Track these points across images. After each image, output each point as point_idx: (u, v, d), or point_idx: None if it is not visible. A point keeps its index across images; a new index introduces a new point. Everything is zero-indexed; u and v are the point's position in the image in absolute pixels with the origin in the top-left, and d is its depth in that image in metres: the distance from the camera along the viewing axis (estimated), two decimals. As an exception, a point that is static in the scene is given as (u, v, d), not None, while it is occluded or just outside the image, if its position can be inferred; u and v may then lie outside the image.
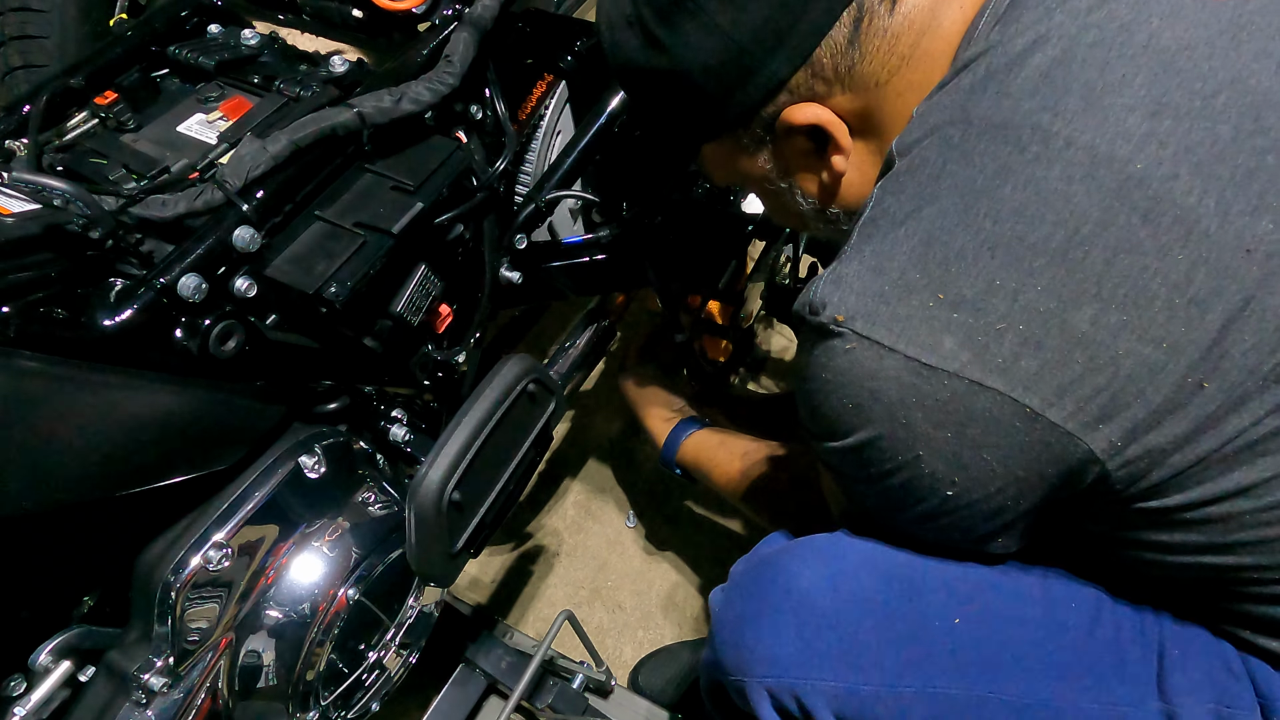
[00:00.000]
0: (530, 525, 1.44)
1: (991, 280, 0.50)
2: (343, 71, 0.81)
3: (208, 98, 0.81)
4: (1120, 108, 0.50)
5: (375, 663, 0.89)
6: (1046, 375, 0.50)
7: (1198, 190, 0.48)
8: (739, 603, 0.68)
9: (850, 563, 0.65)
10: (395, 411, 0.90)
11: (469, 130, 0.88)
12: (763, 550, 0.72)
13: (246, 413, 0.72)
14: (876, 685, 0.62)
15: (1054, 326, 0.49)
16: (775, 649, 0.64)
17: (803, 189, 0.70)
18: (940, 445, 0.54)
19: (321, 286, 0.68)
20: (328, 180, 0.74)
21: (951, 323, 0.51)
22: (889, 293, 0.53)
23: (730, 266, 1.21)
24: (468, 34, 0.82)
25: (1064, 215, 0.49)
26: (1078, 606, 0.63)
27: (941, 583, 0.64)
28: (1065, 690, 0.60)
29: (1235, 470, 0.51)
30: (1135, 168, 0.49)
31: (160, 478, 0.67)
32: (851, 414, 0.56)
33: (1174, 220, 0.48)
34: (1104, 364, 0.49)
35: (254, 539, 0.73)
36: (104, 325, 0.59)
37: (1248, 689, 0.60)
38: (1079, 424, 0.50)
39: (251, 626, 0.75)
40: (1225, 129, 0.49)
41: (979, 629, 0.62)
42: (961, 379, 0.51)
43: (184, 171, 0.71)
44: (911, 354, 0.52)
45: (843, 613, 0.63)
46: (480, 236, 0.89)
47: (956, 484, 0.55)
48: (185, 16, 0.90)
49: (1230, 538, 0.54)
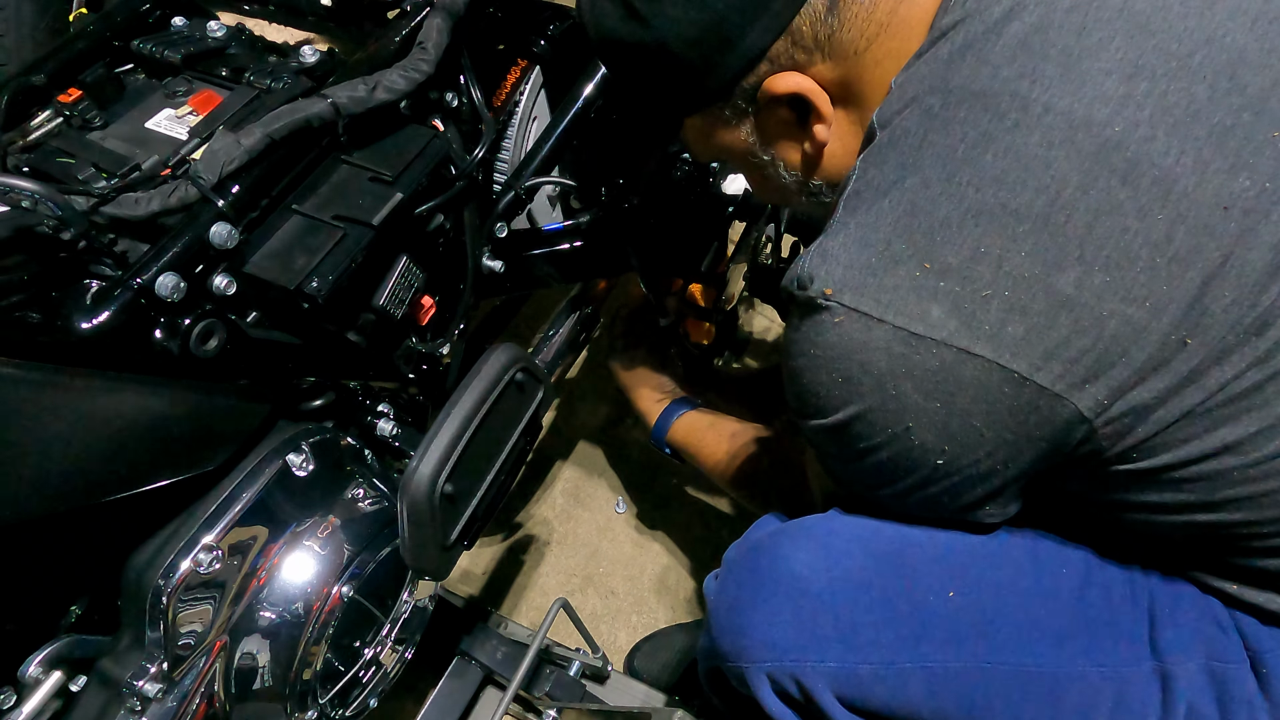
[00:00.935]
0: (520, 515, 1.44)
1: (976, 248, 0.51)
2: (314, 61, 0.80)
3: (176, 92, 0.79)
4: (1097, 72, 0.51)
5: (371, 659, 0.88)
6: (1033, 340, 0.50)
7: (1175, 150, 0.49)
8: (734, 589, 0.68)
9: (842, 543, 0.65)
10: (381, 406, 0.89)
11: (445, 118, 0.87)
12: (754, 535, 0.72)
13: (231, 412, 0.71)
14: (875, 663, 0.62)
15: (1039, 291, 0.50)
16: (772, 634, 0.64)
17: (785, 160, 0.69)
18: (930, 415, 0.54)
19: (302, 282, 0.67)
20: (304, 173, 0.73)
21: (938, 291, 0.51)
22: (875, 264, 0.53)
23: (712, 249, 1.21)
24: (440, 20, 0.81)
25: (1045, 180, 0.50)
26: (1068, 571, 0.64)
27: (933, 557, 0.64)
28: (1061, 655, 0.61)
29: (1221, 426, 0.52)
30: (1113, 130, 0.50)
31: (145, 482, 0.65)
32: (840, 388, 0.56)
33: (1153, 181, 0.49)
34: (1089, 325, 0.50)
35: (244, 540, 0.72)
36: (81, 328, 0.58)
37: (1237, 642, 0.61)
38: (1066, 385, 0.51)
39: (245, 628, 0.74)
40: (1201, 89, 0.50)
41: (972, 601, 0.63)
42: (950, 347, 0.52)
43: (156, 168, 0.69)
44: (900, 324, 0.52)
45: (837, 594, 0.63)
46: (461, 226, 0.88)
47: (946, 453, 0.56)
48: (148, 9, 0.87)
49: (1219, 495, 0.55)
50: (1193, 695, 0.60)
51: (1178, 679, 0.60)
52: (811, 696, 0.64)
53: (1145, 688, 0.61)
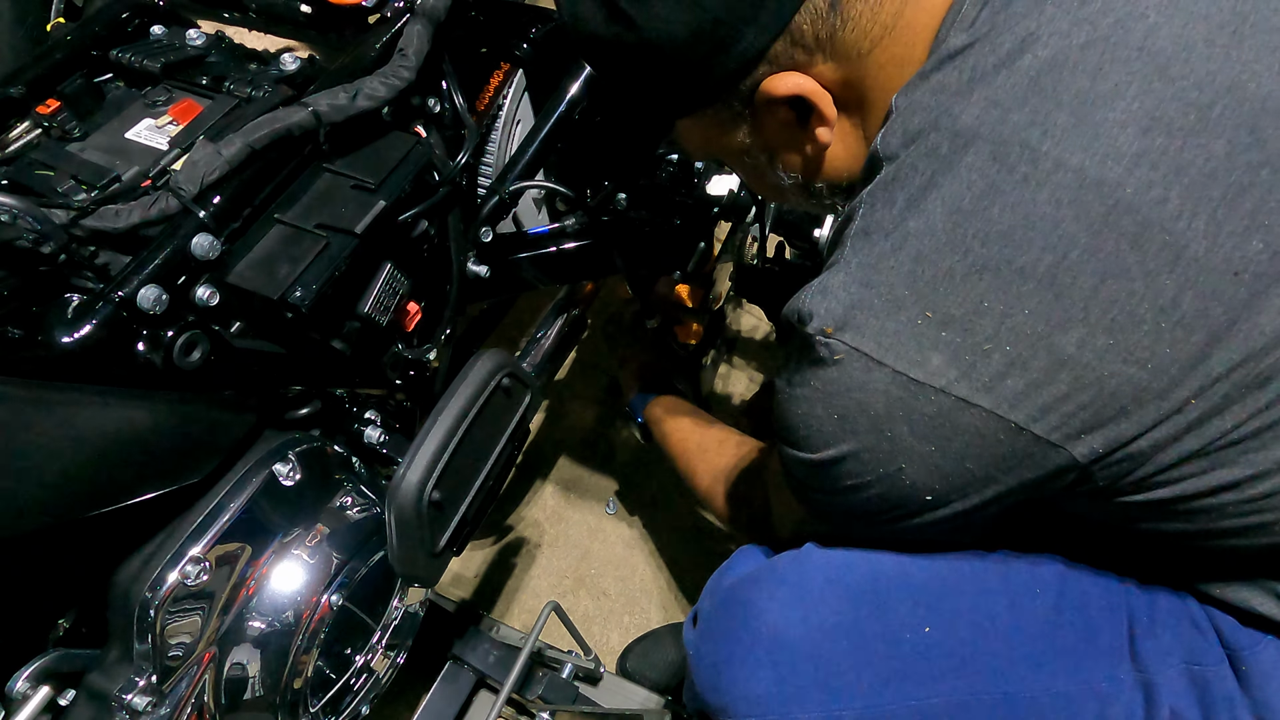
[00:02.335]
0: (510, 518, 1.44)
1: (979, 302, 0.50)
2: (294, 69, 0.79)
3: (155, 102, 0.78)
4: (1112, 124, 0.49)
5: (362, 666, 0.88)
6: (1032, 394, 0.50)
7: (1188, 213, 0.48)
8: (711, 648, 0.67)
9: (816, 588, 0.64)
10: (368, 413, 0.89)
11: (428, 124, 0.87)
12: (726, 581, 0.70)
13: (216, 423, 0.71)
14: (858, 709, 0.62)
15: (1041, 349, 0.49)
16: (753, 689, 0.63)
17: (785, 163, 0.68)
18: (923, 458, 0.54)
19: (286, 291, 0.67)
20: (286, 182, 0.73)
21: (939, 340, 0.51)
22: (878, 306, 0.52)
23: (698, 249, 1.21)
24: (421, 26, 0.81)
25: (1052, 240, 0.49)
26: (1042, 591, 0.64)
27: (907, 594, 0.64)
28: (1040, 677, 0.61)
29: (1219, 468, 0.52)
30: (1125, 192, 0.48)
31: (131, 495, 0.65)
32: (835, 425, 0.56)
33: (1162, 245, 0.48)
34: (1089, 383, 0.49)
35: (232, 550, 0.72)
36: (62, 342, 0.58)
37: (1214, 643, 0.61)
38: (1062, 435, 0.51)
39: (235, 639, 0.74)
40: (1219, 144, 0.48)
41: (949, 634, 0.62)
42: (948, 395, 0.51)
43: (136, 180, 0.69)
44: (900, 368, 0.52)
45: (815, 642, 0.63)
46: (445, 232, 0.87)
47: (936, 490, 0.56)
48: (126, 18, 0.87)
49: (1216, 525, 0.55)
50: (1175, 700, 0.60)
51: (1159, 687, 0.61)
52: None
53: (1128, 699, 0.61)
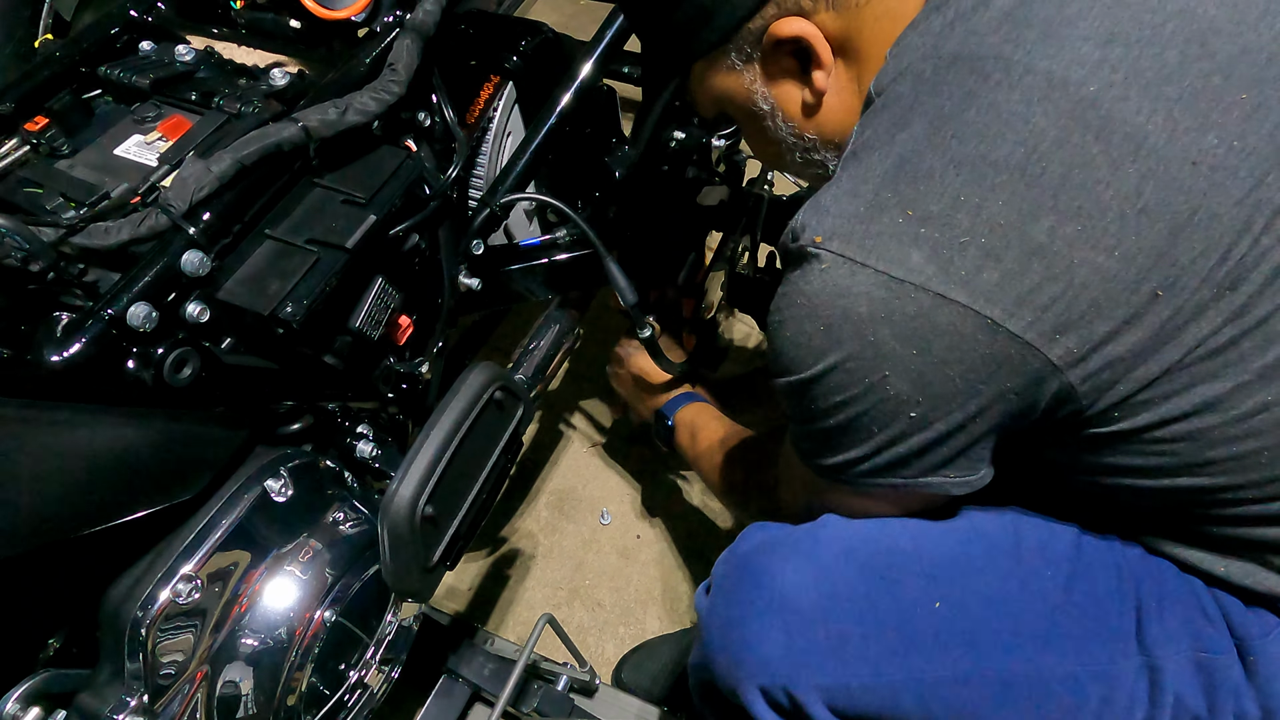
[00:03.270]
0: (504, 530, 1.43)
1: (956, 196, 0.53)
2: (284, 84, 0.79)
3: (145, 118, 0.78)
4: (1075, 38, 0.54)
5: (357, 682, 0.88)
6: (1006, 286, 0.52)
7: (1146, 109, 0.52)
8: (724, 608, 0.69)
9: (830, 558, 0.66)
10: (361, 427, 0.88)
11: (418, 138, 0.87)
12: (742, 548, 0.72)
13: (207, 440, 0.70)
14: (865, 677, 0.63)
15: (1013, 238, 0.52)
16: (764, 651, 0.65)
17: (784, 111, 0.71)
18: (906, 363, 0.56)
19: (276, 307, 0.67)
20: (276, 197, 0.73)
21: (919, 237, 0.54)
22: (863, 212, 0.56)
23: (689, 259, 1.22)
24: (410, 40, 0.81)
25: (1023, 134, 0.53)
26: (1053, 572, 0.65)
27: (919, 568, 0.65)
28: (1046, 657, 0.62)
29: (1200, 384, 0.54)
30: (1089, 90, 0.52)
31: (122, 514, 0.65)
32: (822, 337, 0.58)
33: (1124, 137, 0.52)
34: (1060, 273, 0.52)
35: (224, 568, 0.71)
36: (52, 361, 0.58)
37: (1222, 629, 0.62)
38: (1037, 334, 0.53)
39: (227, 656, 0.73)
40: (1173, 54, 0.53)
41: (958, 611, 0.63)
42: (927, 291, 0.53)
43: (125, 196, 0.69)
44: (881, 268, 0.54)
45: (826, 609, 0.64)
46: (436, 245, 0.87)
47: (920, 404, 0.57)
48: (115, 34, 0.87)
49: (1201, 456, 0.56)
50: (1180, 686, 0.61)
51: (1165, 672, 0.61)
52: (804, 709, 0.64)
53: (1133, 683, 0.62)
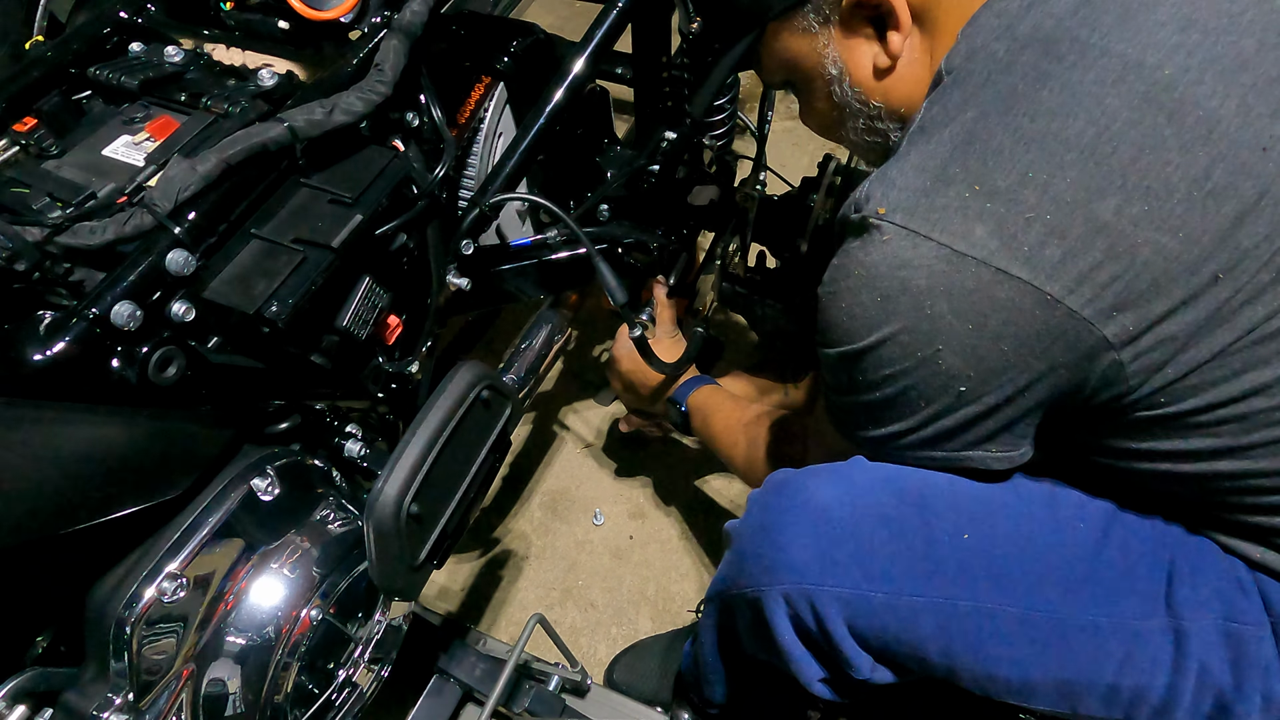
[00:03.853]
0: (497, 530, 1.43)
1: (1025, 172, 0.54)
2: (272, 85, 0.80)
3: (133, 119, 0.78)
4: (1152, 23, 0.55)
5: (345, 681, 0.88)
6: (1068, 263, 0.53)
7: (1220, 94, 0.52)
8: (759, 515, 0.71)
9: (866, 480, 0.68)
10: (350, 427, 0.89)
11: (406, 138, 0.87)
12: (779, 474, 0.74)
13: (193, 439, 0.71)
14: (888, 594, 0.64)
15: (1079, 216, 0.53)
16: (794, 555, 0.67)
17: (854, 75, 0.71)
18: (960, 338, 0.56)
19: (262, 306, 0.67)
20: (262, 197, 0.73)
21: (984, 212, 0.54)
22: (930, 186, 0.56)
23: (681, 259, 1.22)
24: (397, 41, 0.81)
25: (1096, 114, 0.53)
26: (1085, 525, 0.66)
27: (952, 501, 0.66)
28: (1071, 604, 0.63)
29: (1251, 369, 0.54)
30: (1163, 73, 0.53)
31: (107, 512, 0.65)
32: (878, 308, 0.58)
33: (1197, 120, 0.52)
34: (1122, 251, 0.52)
35: (210, 566, 0.72)
36: (34, 360, 0.58)
37: (1257, 604, 0.62)
38: (1095, 310, 0.53)
39: (213, 655, 0.73)
40: (1249, 42, 0.54)
41: (985, 545, 0.65)
42: (989, 266, 0.54)
43: (111, 196, 0.69)
44: (944, 240, 0.55)
45: (858, 525, 0.66)
46: (425, 245, 0.88)
47: (970, 379, 0.58)
48: (106, 35, 0.87)
49: (1246, 439, 0.57)
50: (1205, 655, 0.61)
51: (1191, 637, 0.61)
52: (824, 622, 0.66)
53: (1157, 643, 0.62)
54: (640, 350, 1.05)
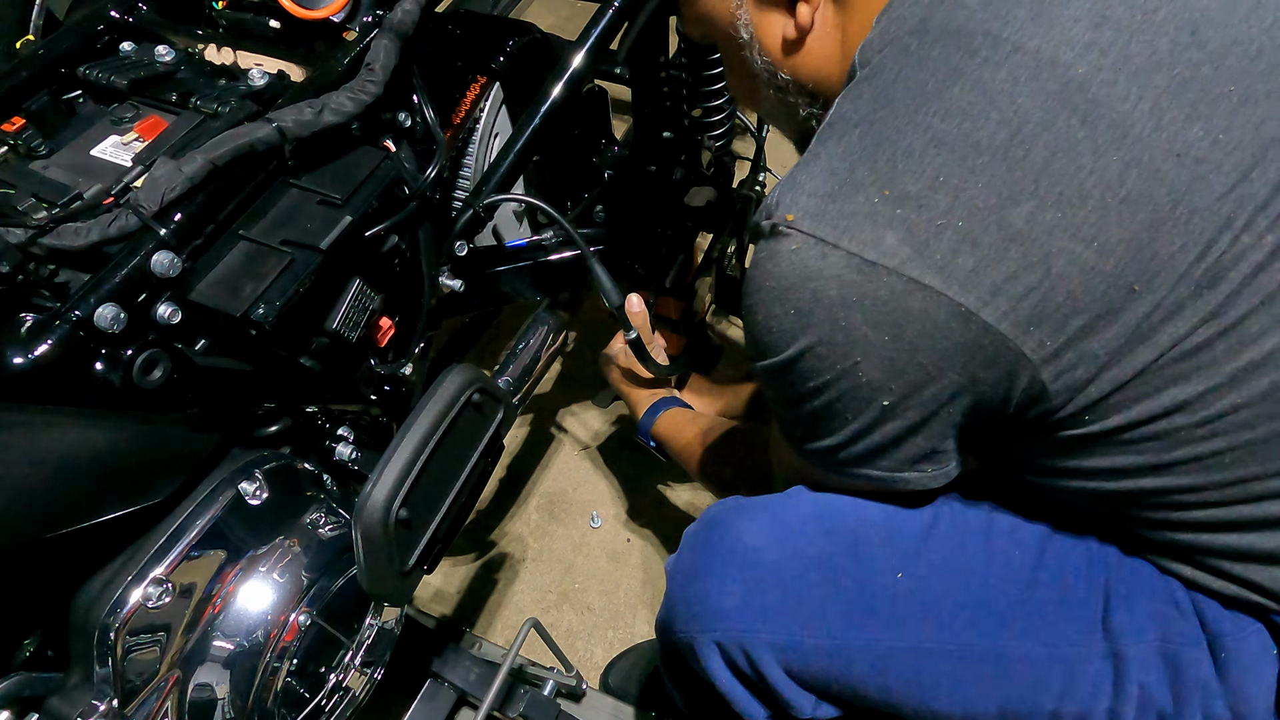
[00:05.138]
0: (494, 533, 1.43)
1: (935, 176, 0.51)
2: (262, 85, 0.79)
3: (122, 119, 0.78)
4: (1066, 18, 0.52)
5: (337, 685, 0.87)
6: (982, 272, 0.51)
7: (1134, 96, 0.50)
8: (689, 559, 0.70)
9: (796, 518, 0.66)
10: (341, 430, 0.88)
11: (398, 138, 0.86)
12: (713, 511, 0.73)
13: (180, 442, 0.70)
14: (820, 638, 0.63)
15: (991, 223, 0.50)
16: (722, 602, 0.65)
17: (763, 43, 0.69)
18: (878, 349, 0.54)
19: (249, 308, 0.66)
20: (250, 198, 0.72)
21: (894, 218, 0.52)
22: (837, 191, 0.54)
23: (678, 261, 1.21)
24: (388, 40, 0.80)
25: (1008, 114, 0.51)
26: (1020, 552, 0.64)
27: (885, 538, 0.65)
28: (1006, 634, 0.61)
29: (1172, 385, 0.52)
30: (1077, 72, 0.51)
31: (91, 516, 0.64)
32: (792, 320, 0.56)
33: (1110, 124, 0.50)
34: (1037, 261, 0.50)
35: (196, 571, 0.71)
36: (15, 363, 0.57)
37: (1194, 623, 0.61)
38: (1011, 325, 0.51)
39: (200, 660, 0.72)
40: (1163, 41, 0.51)
41: (919, 582, 0.63)
42: (901, 276, 0.51)
43: (97, 197, 0.69)
44: (853, 249, 0.52)
45: (787, 567, 0.64)
46: (417, 246, 0.87)
47: (892, 391, 0.55)
48: (96, 35, 0.86)
49: (1169, 455, 0.55)
50: (1145, 678, 0.60)
51: (1129, 661, 0.60)
52: (759, 667, 0.64)
53: (1097, 669, 0.60)
54: (636, 352, 1.04)
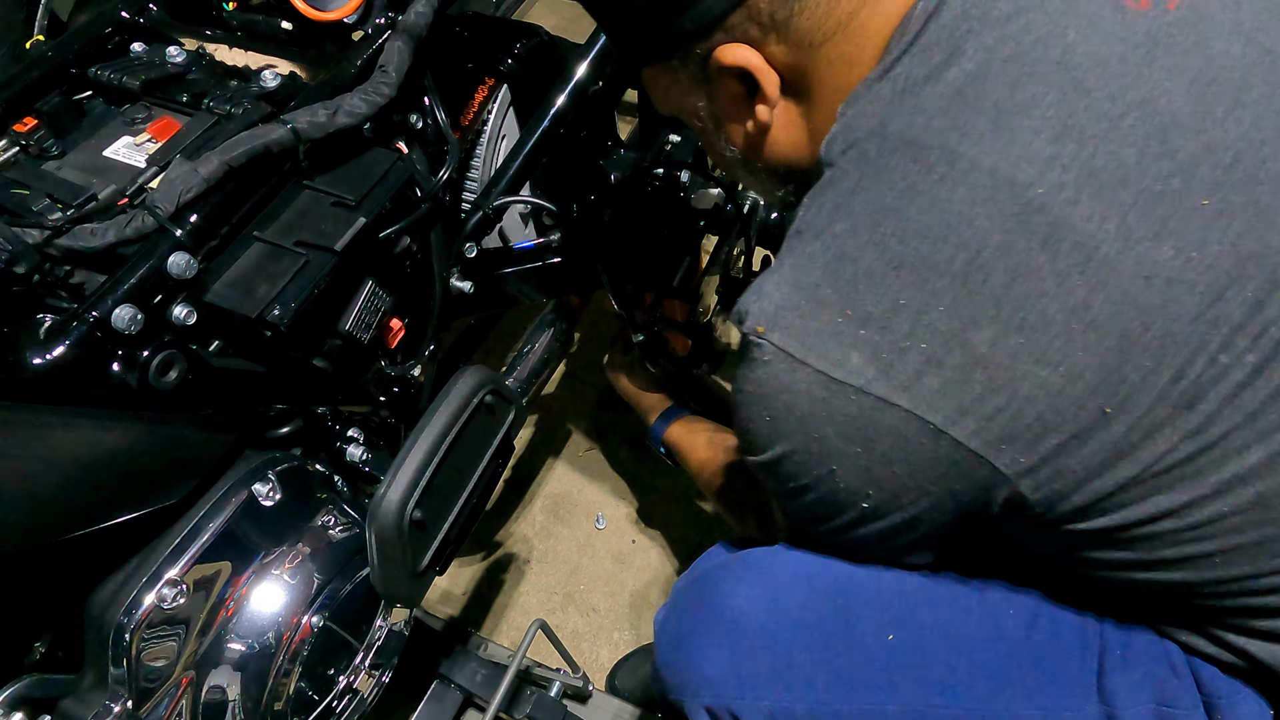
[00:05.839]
0: (499, 534, 1.43)
1: (896, 299, 0.50)
2: (275, 86, 0.79)
3: (134, 119, 0.78)
4: (1026, 130, 0.50)
5: (346, 687, 0.87)
6: (948, 393, 0.50)
7: (1098, 216, 0.48)
8: (676, 622, 0.68)
9: (784, 580, 0.65)
10: (351, 431, 0.88)
11: (410, 140, 0.86)
12: (701, 566, 0.72)
13: (194, 444, 0.70)
14: (810, 703, 0.62)
15: (955, 346, 0.49)
16: (709, 670, 0.64)
17: (730, 134, 0.68)
18: (852, 460, 0.54)
19: (264, 310, 0.66)
20: (265, 199, 0.72)
21: (858, 339, 0.51)
22: (803, 306, 0.53)
23: (684, 263, 1.21)
24: (402, 42, 0.80)
25: (966, 238, 0.49)
26: (1015, 613, 0.64)
27: (875, 599, 0.64)
28: (1000, 698, 0.61)
29: (1156, 495, 0.51)
30: (1036, 192, 0.49)
31: (106, 518, 0.64)
32: (769, 427, 0.56)
33: (1072, 246, 0.48)
34: (1002, 385, 0.49)
35: (210, 572, 0.71)
36: (34, 364, 0.57)
37: (1190, 688, 0.60)
38: (982, 442, 0.50)
39: (213, 661, 0.73)
40: (1130, 152, 0.49)
41: (911, 644, 0.62)
42: (868, 394, 0.51)
43: (112, 198, 0.69)
44: (821, 368, 0.52)
45: (776, 632, 0.63)
46: (428, 248, 0.87)
47: (871, 497, 0.56)
48: (107, 35, 0.86)
49: (1155, 555, 0.54)
50: None
51: None
52: None
53: None
54: (644, 355, 1.05)
